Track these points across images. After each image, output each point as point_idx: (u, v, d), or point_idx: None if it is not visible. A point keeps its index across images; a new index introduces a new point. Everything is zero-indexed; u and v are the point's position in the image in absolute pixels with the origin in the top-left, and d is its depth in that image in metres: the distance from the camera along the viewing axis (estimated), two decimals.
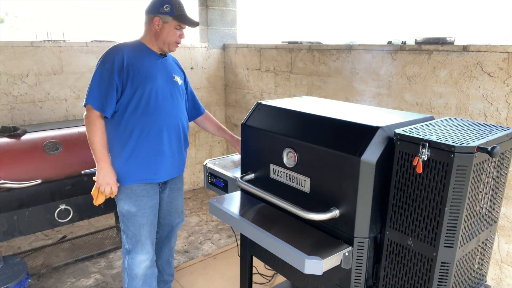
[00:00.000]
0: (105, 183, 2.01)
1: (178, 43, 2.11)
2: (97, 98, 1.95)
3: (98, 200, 2.06)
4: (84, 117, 2.02)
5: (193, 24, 2.10)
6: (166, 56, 2.17)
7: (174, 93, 2.14)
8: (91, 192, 2.07)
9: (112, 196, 2.08)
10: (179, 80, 2.21)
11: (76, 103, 3.55)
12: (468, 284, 1.47)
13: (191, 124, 4.42)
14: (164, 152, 2.11)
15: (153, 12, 2.03)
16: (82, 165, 2.65)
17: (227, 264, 3.06)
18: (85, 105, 1.99)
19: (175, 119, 2.14)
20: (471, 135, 1.29)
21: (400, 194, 1.32)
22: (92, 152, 2.02)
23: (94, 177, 2.05)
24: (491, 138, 1.28)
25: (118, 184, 2.07)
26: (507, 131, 1.38)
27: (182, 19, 2.05)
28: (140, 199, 2.10)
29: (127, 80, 1.98)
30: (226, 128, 2.57)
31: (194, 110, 2.45)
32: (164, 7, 2.00)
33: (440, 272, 1.28)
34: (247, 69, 4.23)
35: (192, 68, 4.32)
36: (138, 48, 2.08)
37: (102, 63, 1.98)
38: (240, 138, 2.46)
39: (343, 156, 1.36)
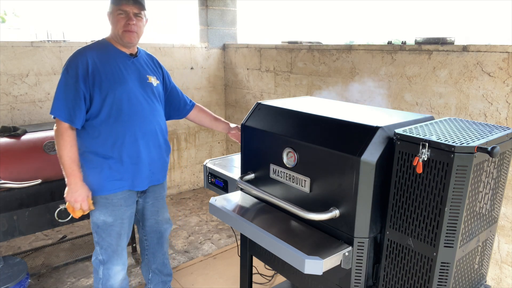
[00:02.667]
0: (73, 200, 1.89)
1: (129, 31, 1.90)
2: (64, 109, 1.82)
3: (76, 214, 1.95)
4: (54, 130, 1.89)
5: (134, 1, 1.87)
6: (137, 56, 2.02)
7: (148, 96, 2.01)
8: (66, 206, 1.97)
9: (85, 213, 1.97)
10: (154, 80, 2.06)
11: None
12: (468, 284, 1.47)
13: (191, 124, 4.45)
14: (141, 160, 2.00)
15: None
16: None
17: (227, 264, 3.06)
18: (54, 117, 1.86)
19: (152, 124, 2.02)
20: (471, 135, 1.29)
21: (400, 194, 1.32)
22: (61, 166, 1.89)
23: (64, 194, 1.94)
24: (491, 138, 1.28)
25: (90, 200, 1.95)
26: (507, 131, 1.38)
27: (117, 1, 1.86)
28: (117, 208, 2.00)
29: (94, 87, 1.85)
30: (220, 118, 2.41)
31: (183, 105, 2.29)
32: None
33: (440, 272, 1.28)
34: (247, 69, 4.23)
35: (192, 68, 4.32)
36: (105, 49, 1.93)
37: (66, 70, 1.84)
38: (236, 125, 2.33)
39: (343, 156, 1.36)
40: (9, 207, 2.42)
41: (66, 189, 1.90)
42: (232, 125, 2.35)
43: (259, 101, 1.87)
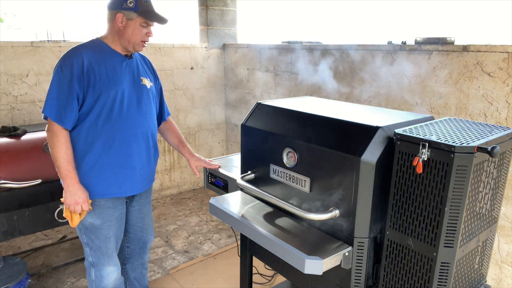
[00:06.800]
0: (73, 203, 1.82)
1: (145, 42, 1.91)
2: (54, 108, 1.77)
3: (74, 221, 1.89)
4: (46, 130, 1.83)
5: (162, 21, 1.89)
6: (132, 57, 1.97)
7: (141, 98, 1.96)
8: (63, 214, 1.90)
9: (82, 218, 1.90)
10: (147, 82, 2.01)
11: None
12: (468, 284, 1.47)
13: (191, 124, 4.45)
14: (132, 164, 1.95)
15: (115, 7, 1.83)
16: None
17: (227, 264, 3.06)
18: (44, 117, 1.81)
19: (143, 127, 1.97)
20: (471, 135, 1.29)
21: (400, 194, 1.32)
22: (56, 169, 1.82)
23: (61, 198, 1.87)
24: (491, 138, 1.28)
25: (90, 201, 1.88)
26: (507, 131, 1.38)
27: (149, 16, 1.84)
28: (105, 211, 1.94)
29: (88, 87, 1.80)
30: (187, 145, 2.30)
31: (159, 117, 2.20)
32: (128, 2, 1.80)
33: (440, 272, 1.28)
34: (247, 69, 4.23)
35: (192, 68, 4.32)
36: (99, 49, 1.88)
37: (60, 68, 1.78)
38: (200, 159, 2.19)
39: (343, 156, 1.36)
40: (9, 207, 2.42)
41: (64, 192, 1.84)
42: (197, 156, 2.24)
43: (259, 101, 1.87)
